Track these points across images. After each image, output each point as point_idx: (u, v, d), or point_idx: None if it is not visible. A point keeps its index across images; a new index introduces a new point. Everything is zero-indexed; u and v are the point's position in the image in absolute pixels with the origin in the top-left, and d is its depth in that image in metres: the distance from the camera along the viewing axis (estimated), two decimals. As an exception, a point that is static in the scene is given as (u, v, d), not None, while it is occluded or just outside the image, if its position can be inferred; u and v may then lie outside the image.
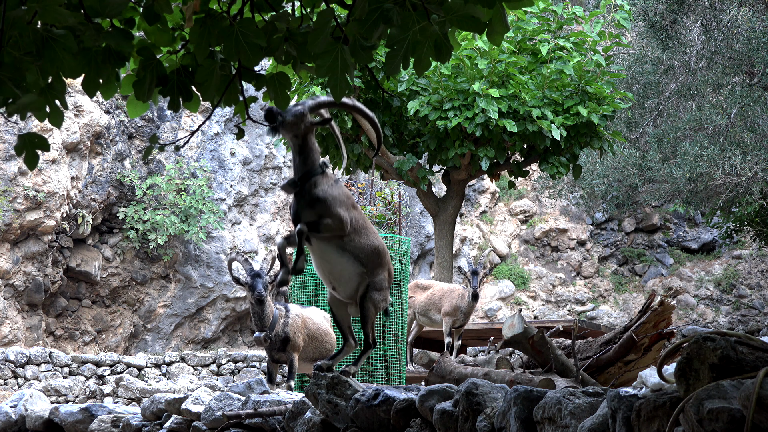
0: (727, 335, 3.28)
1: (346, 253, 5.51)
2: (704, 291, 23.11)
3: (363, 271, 5.59)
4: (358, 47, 2.78)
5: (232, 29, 2.88)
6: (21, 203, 17.50)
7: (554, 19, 11.93)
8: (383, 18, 2.72)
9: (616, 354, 6.90)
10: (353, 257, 5.53)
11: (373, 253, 5.58)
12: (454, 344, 10.78)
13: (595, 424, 3.73)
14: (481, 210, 24.27)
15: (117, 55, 2.97)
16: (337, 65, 2.80)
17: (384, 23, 2.73)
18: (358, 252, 5.54)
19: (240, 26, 2.88)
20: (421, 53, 2.74)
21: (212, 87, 3.04)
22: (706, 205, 16.58)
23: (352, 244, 5.51)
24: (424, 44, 2.73)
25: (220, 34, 2.91)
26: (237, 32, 2.88)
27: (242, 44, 2.87)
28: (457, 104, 11.47)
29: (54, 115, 3.03)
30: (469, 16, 2.70)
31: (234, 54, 2.89)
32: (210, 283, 20.18)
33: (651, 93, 16.55)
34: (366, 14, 2.73)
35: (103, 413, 7.52)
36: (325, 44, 2.79)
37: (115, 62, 2.99)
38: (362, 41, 2.77)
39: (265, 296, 7.53)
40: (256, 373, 17.33)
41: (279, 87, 3.07)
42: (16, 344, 17.86)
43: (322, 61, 2.80)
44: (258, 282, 7.49)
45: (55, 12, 2.80)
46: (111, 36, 2.94)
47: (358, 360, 5.80)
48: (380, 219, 11.21)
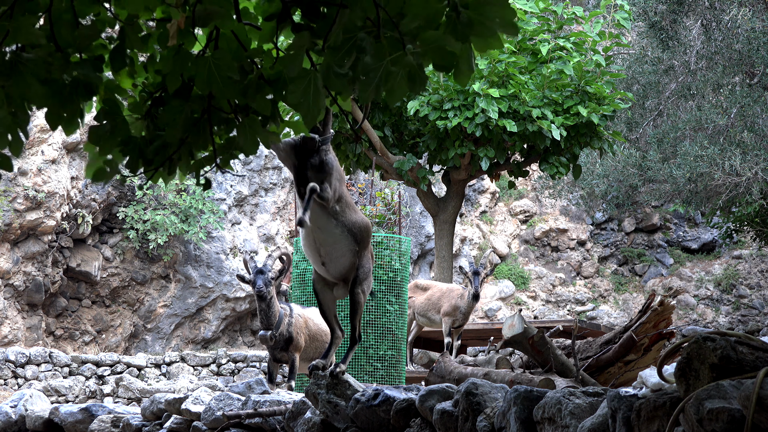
0: (727, 335, 3.28)
1: (340, 224, 5.58)
2: (704, 291, 23.12)
3: (356, 249, 5.66)
4: (332, 74, 2.75)
5: (206, 60, 2.85)
6: (21, 203, 17.50)
7: (554, 19, 11.94)
8: (357, 47, 2.72)
9: (616, 354, 6.90)
10: (347, 231, 5.61)
11: (364, 229, 5.69)
12: (454, 344, 10.78)
13: (595, 424, 3.73)
14: (481, 210, 24.27)
15: (86, 87, 2.91)
16: (309, 92, 2.78)
17: (357, 52, 2.73)
18: (351, 225, 5.63)
19: (214, 57, 2.85)
20: (394, 83, 2.73)
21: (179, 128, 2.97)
22: (706, 205, 16.58)
23: (345, 216, 5.60)
24: (397, 75, 2.73)
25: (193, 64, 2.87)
26: (210, 63, 2.84)
27: (215, 75, 2.83)
28: (457, 104, 11.47)
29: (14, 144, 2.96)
30: (443, 48, 2.70)
31: (206, 85, 2.85)
32: (210, 283, 20.18)
33: (651, 93, 16.55)
34: (340, 42, 2.73)
35: (103, 413, 7.52)
36: (299, 69, 2.77)
37: (83, 94, 2.92)
38: (336, 68, 2.75)
39: (265, 292, 7.52)
40: (256, 373, 17.33)
41: (249, 132, 3.01)
42: (16, 344, 17.87)
43: (295, 86, 2.78)
44: (259, 278, 7.50)
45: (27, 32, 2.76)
46: (80, 66, 2.89)
47: (346, 357, 5.80)
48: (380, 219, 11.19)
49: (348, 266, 5.70)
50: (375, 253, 9.00)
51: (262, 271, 7.53)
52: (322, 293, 5.89)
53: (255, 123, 3.01)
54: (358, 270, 5.71)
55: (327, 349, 5.91)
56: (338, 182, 5.55)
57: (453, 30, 2.71)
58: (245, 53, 2.93)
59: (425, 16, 2.72)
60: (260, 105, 2.97)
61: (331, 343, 5.94)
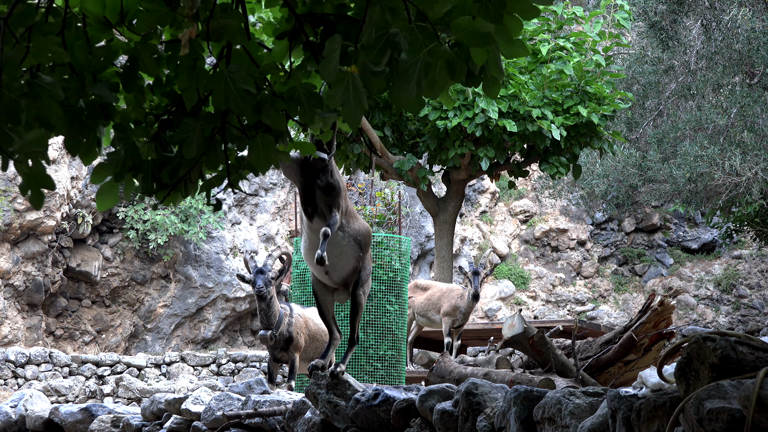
0: (727, 335, 3.28)
1: (347, 236, 5.68)
2: (704, 291, 23.11)
3: (360, 255, 5.75)
4: (369, 73, 2.71)
5: (222, 74, 2.82)
6: (21, 203, 17.50)
7: (554, 19, 11.93)
8: (390, 43, 2.68)
9: (616, 354, 6.90)
10: (353, 240, 5.71)
11: (366, 235, 5.80)
12: (454, 344, 10.78)
13: (595, 424, 3.73)
14: (481, 210, 24.26)
15: (103, 109, 2.89)
16: (350, 93, 2.73)
17: (392, 48, 2.68)
18: (355, 234, 5.73)
19: (229, 72, 2.82)
20: (435, 75, 2.68)
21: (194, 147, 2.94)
22: (706, 205, 16.58)
23: (350, 227, 5.70)
24: (436, 66, 2.67)
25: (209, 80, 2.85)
26: (226, 77, 2.82)
27: (231, 90, 2.80)
28: (457, 104, 11.47)
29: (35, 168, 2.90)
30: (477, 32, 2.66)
31: (223, 101, 2.82)
32: (210, 283, 20.18)
33: (651, 93, 16.55)
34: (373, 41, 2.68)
35: (103, 413, 7.52)
36: (336, 73, 2.71)
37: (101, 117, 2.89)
38: (372, 67, 2.70)
39: (265, 292, 7.53)
40: (256, 373, 17.33)
41: (261, 149, 2.99)
42: (16, 344, 17.87)
43: (334, 90, 2.73)
44: (259, 278, 7.51)
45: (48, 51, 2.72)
46: (97, 87, 2.86)
47: (345, 357, 5.82)
48: (380, 219, 11.19)
49: (351, 271, 5.80)
50: (375, 253, 9.01)
51: (262, 270, 7.53)
52: (321, 295, 5.93)
53: (268, 141, 2.99)
54: (360, 273, 5.79)
55: (325, 349, 5.93)
56: (343, 200, 5.63)
57: (485, 11, 2.67)
58: (257, 69, 2.91)
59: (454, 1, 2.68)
60: (275, 121, 2.95)
61: (329, 344, 5.96)
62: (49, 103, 2.74)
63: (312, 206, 5.53)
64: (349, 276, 5.80)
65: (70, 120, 2.87)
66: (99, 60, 2.88)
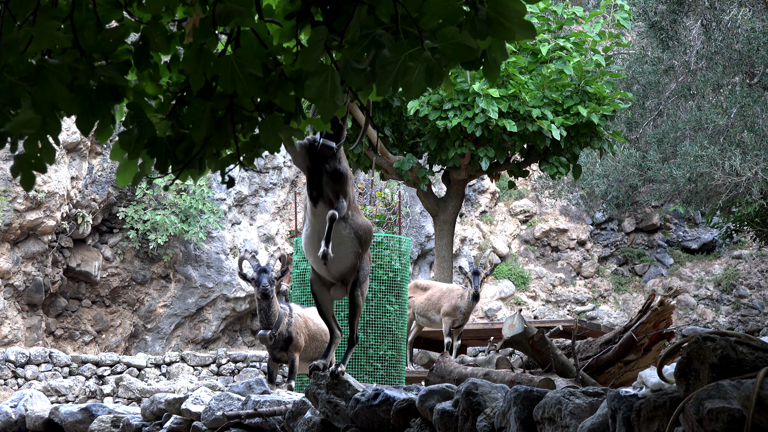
0: (727, 335, 3.28)
1: (349, 227, 5.64)
2: (704, 291, 23.11)
3: (359, 251, 5.70)
4: (350, 69, 2.76)
5: (228, 58, 2.85)
6: (21, 203, 17.50)
7: (554, 19, 11.94)
8: (375, 43, 2.72)
9: (616, 354, 6.90)
10: (354, 233, 5.66)
11: (368, 232, 5.75)
12: (454, 344, 10.78)
13: (595, 424, 3.73)
14: (481, 210, 24.26)
15: (112, 90, 2.91)
16: (326, 87, 2.78)
17: (376, 48, 2.73)
18: (357, 228, 5.69)
19: (236, 56, 2.85)
20: (411, 78, 2.73)
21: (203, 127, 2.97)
22: (706, 205, 16.58)
23: (353, 219, 5.66)
24: (415, 69, 2.73)
25: (216, 63, 2.87)
26: (233, 61, 2.84)
27: (238, 74, 2.83)
28: (457, 104, 11.47)
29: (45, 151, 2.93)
30: (462, 45, 2.70)
31: (230, 84, 2.85)
32: (210, 283, 20.18)
33: (651, 93, 16.55)
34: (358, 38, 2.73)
35: (103, 413, 7.52)
36: (317, 64, 2.77)
37: (110, 98, 2.91)
38: (353, 64, 2.75)
39: (270, 291, 7.54)
40: (256, 373, 17.33)
41: (271, 129, 3.02)
42: (16, 344, 17.87)
43: (312, 81, 2.78)
44: (263, 277, 7.51)
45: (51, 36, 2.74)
46: (106, 69, 2.88)
47: (345, 357, 5.82)
48: (380, 219, 11.19)
49: (349, 267, 5.74)
50: (375, 253, 9.01)
51: (265, 269, 7.54)
52: (320, 294, 5.91)
53: (277, 120, 3.02)
54: (358, 272, 5.75)
55: (326, 349, 5.93)
56: (351, 188, 5.61)
57: (472, 27, 2.71)
58: (266, 51, 2.94)
59: (444, 15, 2.72)
60: (283, 101, 2.99)
61: (330, 343, 5.95)
62: (56, 85, 2.76)
63: (317, 190, 5.48)
64: (347, 272, 5.76)
65: (80, 100, 2.88)
66: (108, 42, 2.89)
